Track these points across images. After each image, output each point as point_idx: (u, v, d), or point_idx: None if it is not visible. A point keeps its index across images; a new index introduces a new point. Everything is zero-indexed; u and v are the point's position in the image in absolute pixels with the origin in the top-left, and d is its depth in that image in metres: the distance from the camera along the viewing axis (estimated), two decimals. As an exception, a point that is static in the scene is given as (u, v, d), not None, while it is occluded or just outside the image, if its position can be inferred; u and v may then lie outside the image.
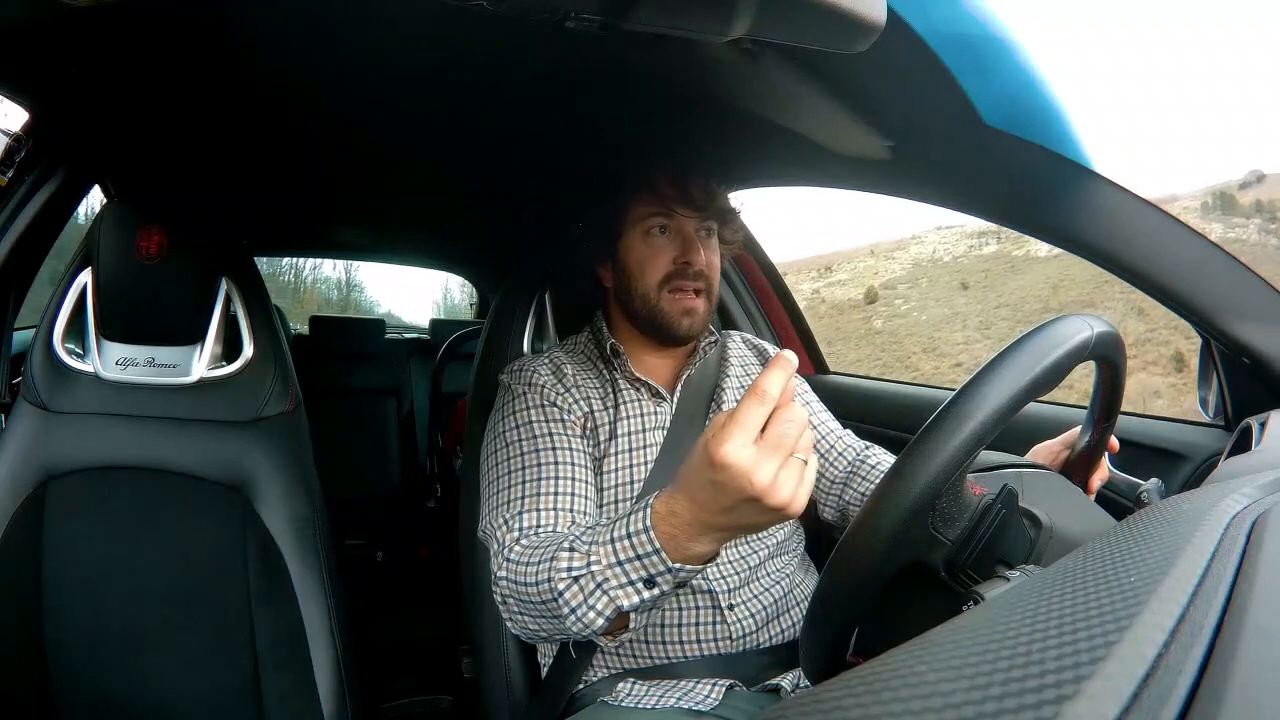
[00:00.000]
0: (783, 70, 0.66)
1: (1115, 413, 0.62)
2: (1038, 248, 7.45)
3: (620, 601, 0.59)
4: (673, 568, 0.56)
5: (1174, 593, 0.24)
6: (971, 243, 9.08)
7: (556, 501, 0.76)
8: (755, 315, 1.49)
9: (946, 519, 0.50)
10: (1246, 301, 0.73)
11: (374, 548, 2.25)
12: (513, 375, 0.89)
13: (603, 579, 0.59)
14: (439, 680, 1.55)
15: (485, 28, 0.68)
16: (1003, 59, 0.61)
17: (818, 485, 0.95)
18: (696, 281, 0.87)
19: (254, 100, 1.02)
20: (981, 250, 9.40)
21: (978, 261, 9.29)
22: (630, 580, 0.58)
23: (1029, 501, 0.53)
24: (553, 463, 0.79)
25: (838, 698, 0.21)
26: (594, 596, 0.59)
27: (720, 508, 0.51)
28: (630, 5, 0.48)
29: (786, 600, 0.86)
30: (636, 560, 0.57)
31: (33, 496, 0.91)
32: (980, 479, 0.54)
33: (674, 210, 0.87)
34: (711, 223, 0.90)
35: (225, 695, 0.93)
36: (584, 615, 0.60)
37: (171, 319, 0.98)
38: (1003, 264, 8.82)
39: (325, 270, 7.74)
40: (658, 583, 0.57)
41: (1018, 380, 0.46)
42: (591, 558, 0.60)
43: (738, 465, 0.48)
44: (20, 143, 0.96)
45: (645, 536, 0.56)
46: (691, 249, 0.86)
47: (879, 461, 0.92)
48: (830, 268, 24.67)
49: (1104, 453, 0.66)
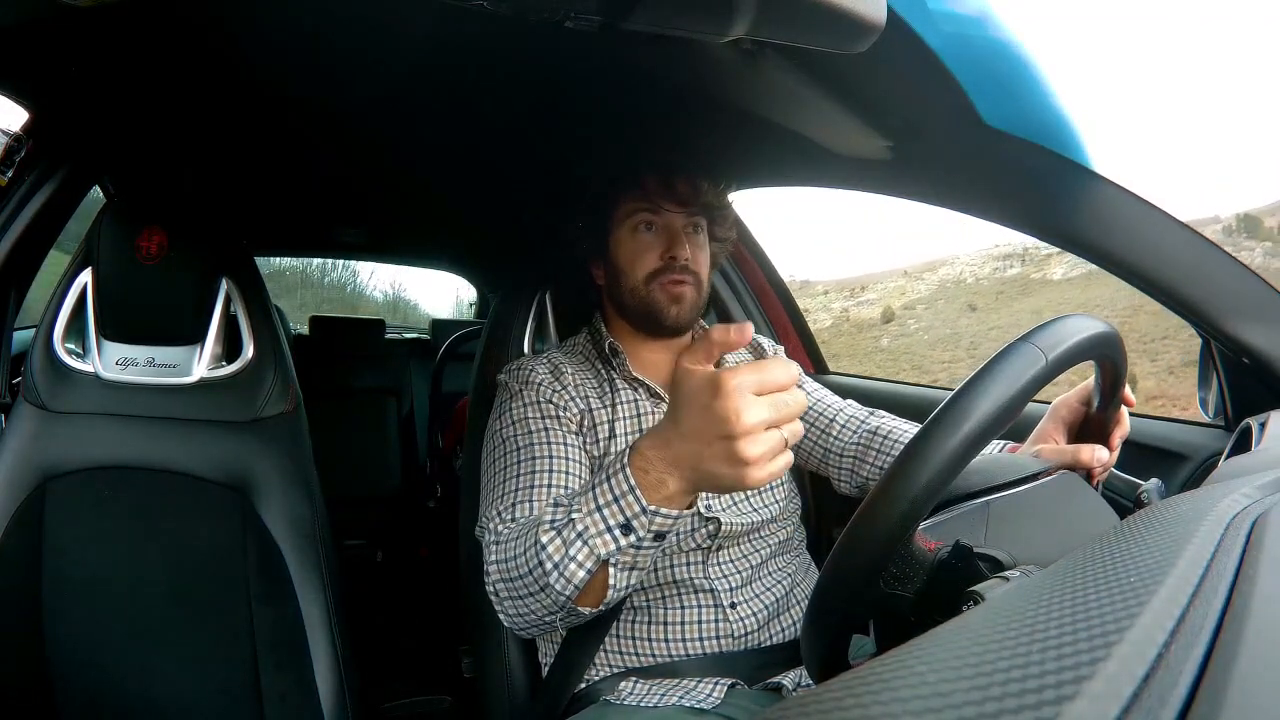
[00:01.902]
0: (783, 70, 0.66)
1: (1123, 378, 0.60)
2: (1054, 271, 7.36)
3: (598, 549, 0.59)
4: (647, 509, 0.56)
5: (1174, 593, 0.24)
6: (997, 265, 9.05)
7: (550, 494, 0.76)
8: (755, 315, 1.49)
9: (900, 579, 0.48)
10: (1246, 301, 0.73)
11: (374, 548, 2.25)
12: (510, 374, 0.89)
13: (582, 527, 0.59)
14: (439, 680, 1.56)
15: (485, 27, 0.68)
16: (1003, 59, 0.61)
17: (827, 459, 0.96)
18: (684, 275, 0.88)
19: (254, 100, 1.02)
20: (1005, 273, 9.39)
21: (997, 284, 9.26)
22: (608, 526, 0.58)
23: (997, 537, 0.51)
24: (547, 456, 0.79)
25: (838, 698, 0.21)
26: (574, 546, 0.60)
27: (699, 436, 0.52)
28: (630, 5, 0.48)
29: (788, 599, 0.86)
30: (614, 503, 0.58)
31: (33, 496, 0.91)
32: (933, 531, 0.51)
33: (660, 206, 0.88)
34: (699, 218, 0.91)
35: (225, 695, 0.93)
36: (565, 568, 0.60)
37: (171, 319, 0.98)
38: (1017, 287, 8.77)
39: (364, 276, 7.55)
40: (634, 528, 0.57)
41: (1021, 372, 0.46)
42: (573, 509, 0.61)
43: (736, 397, 0.49)
44: (20, 143, 0.96)
45: (622, 475, 0.57)
46: (677, 243, 0.87)
47: (890, 430, 0.92)
48: (864, 287, 24.61)
49: (1119, 407, 0.64)
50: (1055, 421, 0.69)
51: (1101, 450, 0.64)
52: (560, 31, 0.53)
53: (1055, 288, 4.88)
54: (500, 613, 0.70)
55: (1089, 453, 0.64)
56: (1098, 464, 0.64)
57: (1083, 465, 0.64)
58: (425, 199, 1.69)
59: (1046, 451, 0.66)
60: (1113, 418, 0.65)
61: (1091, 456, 0.64)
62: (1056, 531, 0.54)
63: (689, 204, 0.89)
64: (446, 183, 1.49)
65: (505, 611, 0.69)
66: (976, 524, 0.52)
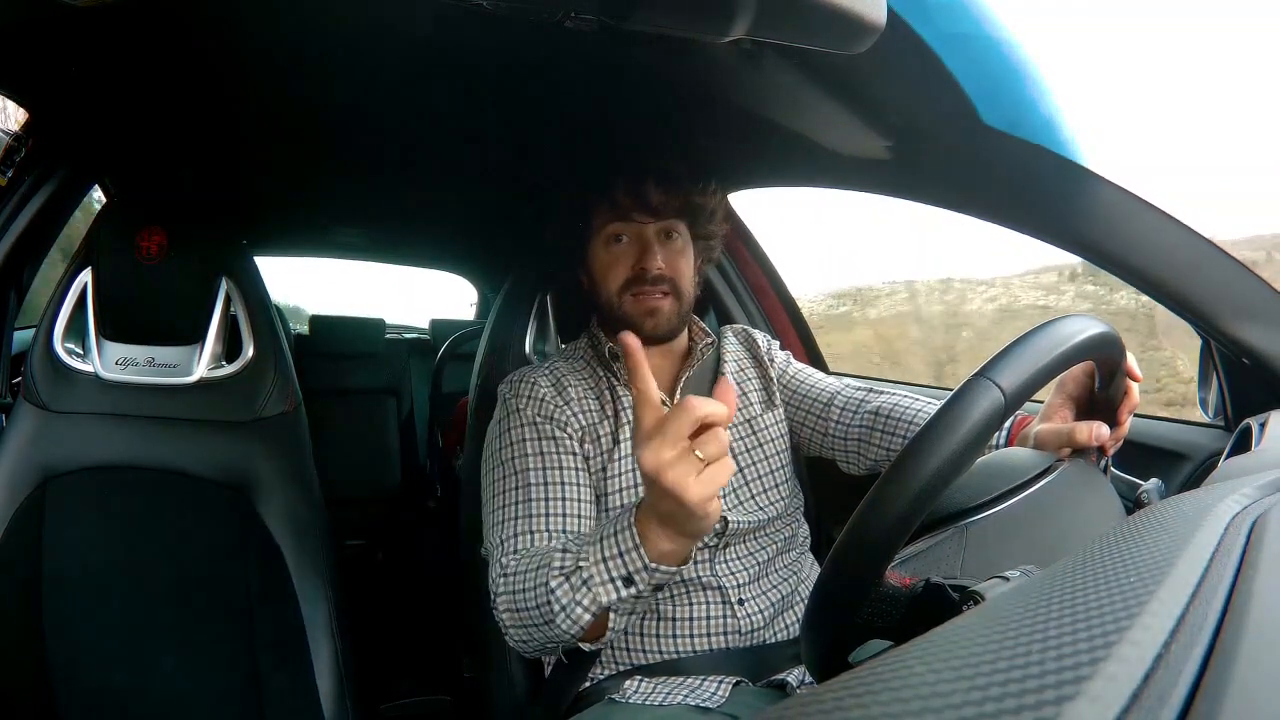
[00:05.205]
0: (782, 70, 0.66)
1: (1122, 363, 0.59)
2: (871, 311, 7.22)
3: (601, 598, 0.63)
4: (649, 565, 0.61)
5: (1174, 593, 0.24)
6: (831, 303, 8.75)
7: (549, 523, 0.77)
8: (755, 315, 1.49)
9: (880, 615, 0.48)
10: (1246, 301, 0.73)
11: (374, 548, 2.25)
12: (511, 387, 0.88)
13: (588, 575, 0.63)
14: (439, 680, 1.56)
15: (485, 27, 0.68)
16: (1003, 59, 0.61)
17: (828, 442, 0.95)
18: (657, 285, 0.86)
19: (253, 100, 1.02)
20: (835, 311, 9.10)
21: (826, 319, 8.98)
22: (611, 577, 0.63)
23: (975, 563, 0.49)
24: (543, 483, 0.79)
25: (838, 698, 0.21)
26: (580, 592, 0.64)
27: (655, 497, 0.58)
28: (630, 5, 0.48)
29: (794, 596, 0.87)
30: (619, 557, 0.62)
31: (33, 496, 0.91)
32: (906, 566, 0.51)
33: (630, 217, 0.87)
34: (673, 223, 0.89)
35: (225, 695, 0.93)
36: (572, 611, 0.64)
37: (171, 319, 0.98)
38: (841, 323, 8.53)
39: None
40: (635, 581, 0.62)
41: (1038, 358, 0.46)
42: (581, 557, 0.64)
43: (641, 459, 0.55)
44: (20, 143, 0.96)
45: (628, 533, 0.62)
46: (648, 254, 0.86)
47: (893, 407, 0.90)
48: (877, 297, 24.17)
49: (1124, 380, 0.61)
50: (1062, 397, 0.67)
51: (1102, 428, 0.61)
52: (560, 31, 0.53)
53: (868, 324, 5.09)
54: (506, 637, 0.73)
55: (1086, 432, 0.61)
56: (1097, 442, 0.61)
57: (1081, 445, 0.61)
58: (425, 199, 1.69)
59: (1045, 433, 0.64)
60: (1119, 392, 0.62)
61: (1090, 435, 0.60)
62: (1052, 537, 0.53)
63: (661, 212, 0.87)
64: (447, 182, 1.49)
65: (511, 637, 0.72)
66: (953, 553, 0.51)
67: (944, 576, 0.48)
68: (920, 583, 0.48)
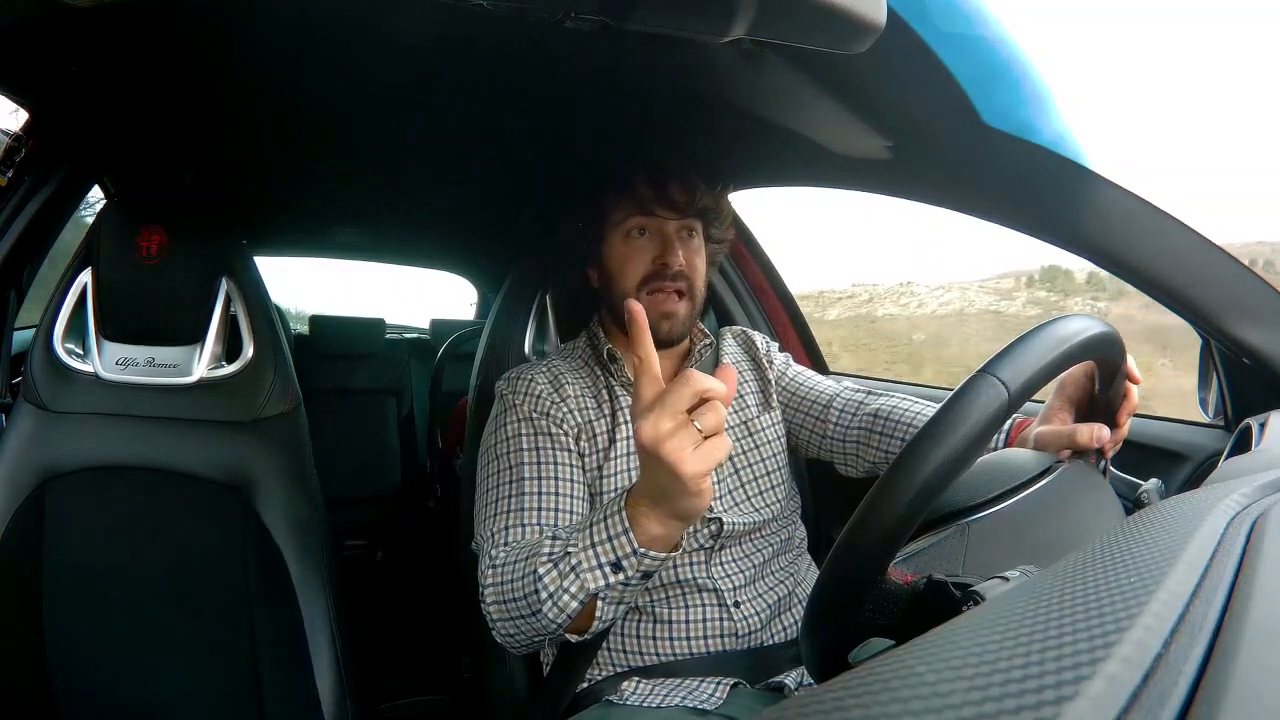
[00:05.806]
0: (782, 70, 0.66)
1: (1122, 364, 0.59)
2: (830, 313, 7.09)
3: (588, 584, 0.63)
4: (638, 550, 0.60)
5: (1174, 593, 0.24)
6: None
7: (541, 517, 0.77)
8: (755, 315, 1.49)
9: (880, 612, 0.48)
10: (1246, 301, 0.73)
11: (374, 548, 2.25)
12: (509, 384, 0.88)
13: (576, 561, 0.63)
14: (439, 680, 1.56)
15: (485, 27, 0.68)
16: (1003, 59, 0.61)
17: (826, 445, 0.95)
18: (676, 282, 0.86)
19: (253, 100, 1.02)
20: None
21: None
22: (600, 563, 0.62)
23: (978, 561, 0.49)
24: (537, 478, 0.79)
25: (838, 698, 0.21)
26: (568, 579, 0.64)
27: (649, 470, 0.57)
28: (630, 5, 0.48)
29: (791, 598, 0.86)
30: (608, 541, 0.62)
31: (33, 496, 0.91)
32: (909, 563, 0.51)
33: (653, 211, 0.87)
34: (693, 222, 0.90)
35: (225, 695, 0.93)
36: (559, 598, 0.64)
37: (171, 319, 0.98)
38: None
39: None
40: (624, 567, 0.62)
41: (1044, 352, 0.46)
42: (570, 544, 0.64)
43: (639, 430, 0.54)
44: (20, 143, 0.96)
45: (617, 518, 0.61)
46: (670, 249, 0.86)
47: (891, 410, 0.90)
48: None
49: (1124, 382, 0.62)
50: (1062, 399, 0.67)
51: (1102, 429, 0.61)
52: (560, 31, 0.53)
53: (825, 324, 5.21)
54: (494, 631, 0.72)
55: (1087, 434, 0.61)
56: (1097, 443, 0.61)
57: (1081, 447, 0.61)
58: (425, 198, 1.69)
59: (1046, 434, 0.64)
60: (1119, 394, 0.63)
61: (1090, 437, 0.61)
62: (1052, 537, 0.53)
63: (683, 210, 0.88)
64: (447, 182, 1.49)
65: (498, 631, 0.72)
66: (955, 551, 0.51)
67: (946, 574, 0.48)
68: (922, 580, 0.48)
